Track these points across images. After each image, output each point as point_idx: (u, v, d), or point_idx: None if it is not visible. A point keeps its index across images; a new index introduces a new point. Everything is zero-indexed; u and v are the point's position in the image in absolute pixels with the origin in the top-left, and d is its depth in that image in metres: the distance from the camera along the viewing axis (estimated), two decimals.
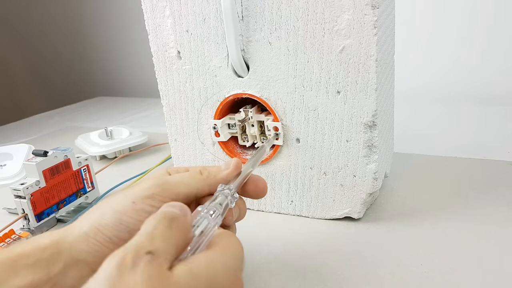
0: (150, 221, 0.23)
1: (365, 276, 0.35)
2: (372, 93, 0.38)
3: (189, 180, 0.31)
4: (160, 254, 0.21)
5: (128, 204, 0.28)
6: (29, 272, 0.26)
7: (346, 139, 0.40)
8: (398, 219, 0.43)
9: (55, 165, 0.49)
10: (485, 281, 0.33)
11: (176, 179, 0.31)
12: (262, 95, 0.42)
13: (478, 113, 0.76)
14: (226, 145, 0.46)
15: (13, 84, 1.46)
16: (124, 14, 1.24)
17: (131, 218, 0.28)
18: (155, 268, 0.21)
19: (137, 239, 0.22)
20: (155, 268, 0.21)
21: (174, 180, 0.30)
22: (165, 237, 0.23)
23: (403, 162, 0.56)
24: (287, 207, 0.46)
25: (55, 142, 0.82)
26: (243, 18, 0.40)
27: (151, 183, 0.29)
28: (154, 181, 0.30)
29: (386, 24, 0.41)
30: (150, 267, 0.20)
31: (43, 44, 1.41)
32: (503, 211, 0.43)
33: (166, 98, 0.47)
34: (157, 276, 0.20)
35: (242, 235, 0.43)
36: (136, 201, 0.28)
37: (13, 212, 0.52)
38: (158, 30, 0.44)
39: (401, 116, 0.69)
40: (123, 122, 0.94)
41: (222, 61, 0.43)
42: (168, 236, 0.23)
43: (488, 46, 0.86)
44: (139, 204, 0.28)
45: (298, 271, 0.37)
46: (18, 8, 1.39)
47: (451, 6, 0.87)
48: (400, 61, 0.57)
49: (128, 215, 0.28)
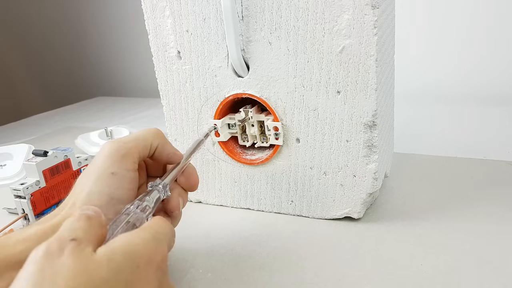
0: (69, 220, 0.25)
1: (365, 276, 0.35)
2: (372, 93, 0.38)
3: (143, 133, 0.34)
4: (82, 241, 0.23)
5: (108, 176, 0.30)
6: None
7: (346, 139, 0.40)
8: (398, 219, 0.43)
9: (55, 165, 0.49)
10: (485, 281, 0.33)
11: (133, 136, 0.33)
12: (262, 95, 0.42)
13: (478, 113, 0.76)
14: (226, 145, 0.46)
15: (13, 84, 1.46)
16: (124, 14, 1.24)
17: (117, 189, 0.30)
18: (80, 250, 0.22)
19: (59, 232, 0.24)
20: (80, 251, 0.22)
21: (131, 137, 0.33)
22: (85, 229, 0.24)
23: (403, 162, 0.56)
24: (287, 207, 0.46)
25: (55, 142, 0.82)
26: (243, 18, 0.40)
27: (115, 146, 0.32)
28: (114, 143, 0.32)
29: (386, 24, 0.41)
30: (75, 250, 0.22)
31: (43, 44, 1.41)
32: (503, 211, 0.43)
33: (166, 98, 0.47)
34: (83, 257, 0.22)
35: (242, 235, 0.43)
36: (114, 171, 0.30)
37: (13, 212, 0.52)
38: (158, 30, 0.44)
39: (401, 116, 0.69)
40: (123, 122, 0.94)
41: (222, 61, 0.43)
42: (88, 228, 0.24)
43: (488, 46, 0.86)
44: (118, 172, 0.30)
45: (298, 271, 0.37)
46: (18, 8, 1.39)
47: (451, 6, 0.87)
48: (400, 61, 0.57)
49: (114, 187, 0.30)
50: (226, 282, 0.36)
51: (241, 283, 0.36)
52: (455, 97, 0.86)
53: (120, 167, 0.31)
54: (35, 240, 0.27)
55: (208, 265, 0.38)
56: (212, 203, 0.50)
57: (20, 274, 0.21)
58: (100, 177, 0.30)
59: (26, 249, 0.26)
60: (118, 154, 0.31)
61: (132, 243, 0.24)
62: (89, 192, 0.30)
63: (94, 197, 0.29)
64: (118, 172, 0.31)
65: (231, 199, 0.49)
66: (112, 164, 0.31)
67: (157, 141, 0.34)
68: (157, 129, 0.35)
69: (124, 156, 0.31)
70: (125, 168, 0.31)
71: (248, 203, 0.48)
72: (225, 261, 0.39)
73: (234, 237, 0.43)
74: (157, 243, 0.25)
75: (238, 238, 0.42)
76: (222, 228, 0.45)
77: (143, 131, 0.34)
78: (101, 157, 0.31)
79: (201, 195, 0.50)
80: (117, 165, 0.31)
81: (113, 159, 0.31)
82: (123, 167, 0.31)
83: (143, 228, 0.26)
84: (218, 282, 0.36)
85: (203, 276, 0.37)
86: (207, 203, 0.50)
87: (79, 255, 0.22)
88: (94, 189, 0.30)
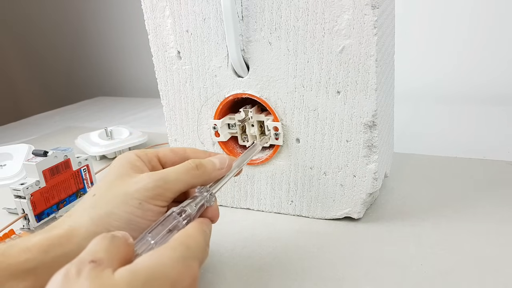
0: (93, 241, 0.24)
1: (365, 276, 0.35)
2: (372, 93, 0.38)
3: (185, 177, 0.32)
4: (102, 262, 0.22)
5: (135, 205, 0.29)
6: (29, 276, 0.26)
7: (346, 139, 0.40)
8: (398, 219, 0.43)
9: (55, 165, 0.49)
10: (485, 281, 0.33)
11: (174, 177, 0.31)
12: (262, 95, 0.42)
13: (478, 113, 0.76)
14: (226, 145, 0.46)
15: (13, 84, 1.46)
16: (124, 14, 1.24)
17: (139, 218, 0.29)
18: (97, 272, 0.22)
19: (81, 254, 0.23)
20: (98, 272, 0.22)
21: (173, 178, 0.31)
22: (107, 249, 0.23)
23: (403, 162, 0.56)
24: (287, 207, 0.46)
25: (55, 142, 0.82)
26: (243, 18, 0.40)
27: (153, 184, 0.30)
28: (155, 180, 0.30)
29: (386, 24, 0.41)
30: (93, 272, 0.21)
31: (43, 44, 1.41)
32: (503, 211, 0.43)
33: (166, 98, 0.47)
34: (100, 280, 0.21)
35: (242, 235, 0.43)
36: (142, 202, 0.29)
37: (13, 212, 0.51)
38: (158, 30, 0.44)
39: (401, 116, 0.69)
40: (123, 122, 0.94)
41: (222, 61, 0.43)
42: (110, 249, 0.23)
43: (488, 46, 0.86)
44: (145, 205, 0.29)
45: (298, 271, 0.37)
46: (18, 8, 1.39)
47: (451, 6, 0.87)
48: (400, 61, 0.57)
49: (136, 215, 0.29)
50: (226, 282, 0.36)
51: (241, 283, 0.36)
52: (455, 97, 0.86)
53: (149, 202, 0.29)
54: (39, 250, 0.26)
55: (208, 265, 0.38)
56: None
57: None
58: (126, 203, 0.29)
59: (30, 259, 0.26)
60: (154, 192, 0.29)
61: (158, 264, 0.23)
62: (109, 212, 0.29)
63: (113, 218, 0.28)
64: (147, 207, 0.29)
65: (231, 199, 0.49)
66: (143, 198, 0.29)
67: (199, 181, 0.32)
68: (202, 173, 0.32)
69: (159, 196, 0.30)
70: (155, 205, 0.30)
71: (248, 203, 0.48)
72: (225, 261, 0.39)
73: (234, 237, 0.43)
74: (187, 263, 0.24)
75: (238, 238, 0.42)
76: (222, 228, 0.45)
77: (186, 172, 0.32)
78: (134, 184, 0.30)
79: None
80: (147, 200, 0.29)
81: (146, 194, 0.29)
82: (153, 203, 0.29)
83: (173, 246, 0.25)
84: (218, 282, 0.36)
85: (203, 276, 0.37)
86: None
87: (97, 278, 0.21)
88: (115, 210, 0.29)
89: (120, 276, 0.22)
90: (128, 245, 0.25)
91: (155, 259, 0.23)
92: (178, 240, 0.26)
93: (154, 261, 0.23)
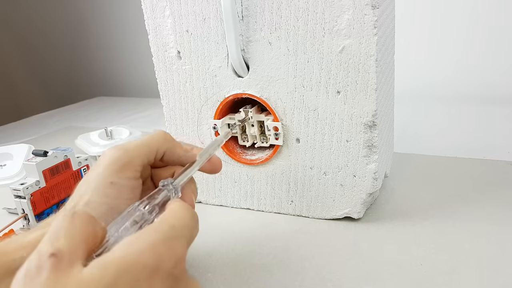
0: (53, 223, 0.22)
1: (365, 276, 0.35)
2: (372, 93, 0.38)
3: (148, 140, 0.32)
4: (64, 255, 0.20)
5: (107, 185, 0.28)
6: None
7: (346, 139, 0.40)
8: (398, 219, 0.43)
9: (55, 165, 0.49)
10: (485, 281, 0.33)
11: (136, 142, 0.31)
12: (262, 95, 0.42)
13: (478, 113, 0.76)
14: (226, 145, 0.46)
15: (13, 84, 1.46)
16: (124, 14, 1.24)
17: (116, 199, 0.28)
18: (60, 271, 0.19)
19: (41, 244, 0.21)
20: (61, 271, 0.19)
21: (134, 143, 0.31)
22: (69, 233, 0.21)
23: (403, 162, 0.56)
24: (287, 207, 0.46)
25: (55, 142, 0.82)
26: (243, 18, 0.40)
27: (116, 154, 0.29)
28: (117, 150, 0.30)
29: (386, 24, 0.41)
30: (54, 272, 0.19)
31: (43, 44, 1.41)
32: (503, 211, 0.43)
33: (166, 98, 0.47)
34: (65, 279, 0.19)
35: (242, 235, 0.43)
36: (113, 181, 0.28)
37: (13, 212, 0.51)
38: (158, 30, 0.44)
39: (401, 116, 0.69)
40: (123, 122, 0.94)
41: (222, 61, 0.43)
42: (73, 232, 0.21)
43: (488, 46, 0.86)
44: (117, 182, 0.28)
45: (298, 271, 0.36)
46: (18, 8, 1.39)
47: (451, 6, 0.87)
48: (400, 61, 0.57)
49: (112, 197, 0.28)
50: (226, 282, 0.36)
51: (241, 283, 0.36)
52: (455, 97, 0.86)
53: (120, 177, 0.29)
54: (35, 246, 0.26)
55: (208, 265, 0.38)
56: (212, 203, 0.50)
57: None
58: (99, 186, 0.28)
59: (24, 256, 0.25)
60: (119, 163, 0.29)
61: (131, 252, 0.21)
62: (88, 201, 0.28)
63: (92, 206, 0.28)
64: (117, 182, 0.29)
65: (231, 199, 0.49)
66: (111, 173, 0.29)
67: (164, 146, 0.32)
68: (164, 133, 0.33)
69: (125, 165, 0.29)
70: (126, 178, 0.29)
71: (248, 203, 0.48)
72: (225, 261, 0.39)
73: (234, 237, 0.43)
74: (169, 244, 0.22)
75: (238, 238, 0.42)
76: (222, 228, 0.45)
77: (148, 137, 0.32)
78: (102, 164, 0.30)
79: (201, 195, 0.50)
80: (117, 175, 0.29)
81: (113, 168, 0.29)
82: (124, 176, 0.29)
83: (153, 227, 0.23)
84: (218, 282, 0.36)
85: (203, 276, 0.37)
86: (207, 203, 0.50)
87: (60, 276, 0.19)
88: (92, 198, 0.28)
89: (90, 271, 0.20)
90: (92, 222, 0.23)
91: (128, 247, 0.21)
92: (161, 220, 0.24)
93: (126, 250, 0.21)
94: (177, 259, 0.22)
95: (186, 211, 0.25)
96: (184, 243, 0.23)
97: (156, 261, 0.21)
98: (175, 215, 0.24)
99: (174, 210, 0.25)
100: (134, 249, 0.21)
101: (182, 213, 0.25)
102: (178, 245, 0.23)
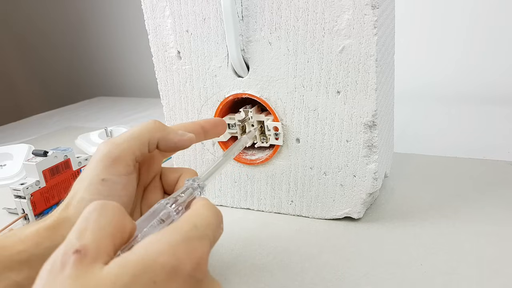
0: (83, 213, 0.22)
1: (365, 276, 0.35)
2: (372, 93, 0.38)
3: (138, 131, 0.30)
4: (88, 251, 0.20)
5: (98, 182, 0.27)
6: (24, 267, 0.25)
7: (346, 139, 0.40)
8: (398, 219, 0.43)
9: (55, 165, 0.49)
10: (485, 281, 0.33)
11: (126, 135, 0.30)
12: (262, 95, 0.42)
13: (478, 113, 0.76)
14: (226, 145, 0.46)
15: (13, 84, 1.46)
16: (124, 14, 1.24)
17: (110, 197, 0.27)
18: (82, 268, 0.19)
19: (68, 238, 0.21)
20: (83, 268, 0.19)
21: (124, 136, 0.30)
22: (95, 228, 0.21)
23: (403, 162, 0.56)
24: (287, 207, 0.46)
25: (55, 142, 0.82)
26: (243, 18, 0.40)
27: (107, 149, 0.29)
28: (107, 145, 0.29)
29: (386, 24, 0.41)
30: (76, 269, 0.19)
31: (43, 44, 1.41)
32: (503, 211, 0.43)
33: (166, 98, 0.47)
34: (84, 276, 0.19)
35: (242, 235, 0.43)
36: (104, 178, 0.28)
37: (13, 212, 0.52)
38: (158, 30, 0.44)
39: (401, 116, 0.69)
40: (123, 122, 0.94)
41: (222, 61, 0.43)
42: (99, 227, 0.21)
43: (488, 46, 0.86)
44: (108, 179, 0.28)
45: (298, 271, 0.36)
46: (18, 8, 1.39)
47: (451, 6, 0.87)
48: (400, 61, 0.57)
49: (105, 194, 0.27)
50: (226, 282, 0.36)
51: (241, 283, 0.36)
52: (455, 97, 0.86)
53: (111, 173, 0.28)
54: (32, 241, 0.26)
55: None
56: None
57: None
58: (90, 184, 0.28)
59: (22, 250, 0.25)
60: (110, 158, 0.28)
61: (151, 252, 0.20)
62: (81, 199, 0.27)
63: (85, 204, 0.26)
64: (109, 178, 0.28)
65: (231, 199, 0.49)
66: (103, 170, 0.28)
67: (156, 136, 0.31)
68: (154, 122, 0.31)
69: (115, 160, 0.28)
70: (117, 174, 0.28)
71: (248, 203, 0.48)
72: (225, 261, 0.39)
73: (234, 237, 0.43)
74: (190, 245, 0.21)
75: (238, 238, 0.42)
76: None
77: (138, 127, 0.31)
78: (94, 159, 0.29)
79: None
80: (108, 171, 0.28)
81: (104, 164, 0.28)
82: (115, 172, 0.28)
83: (175, 227, 0.22)
84: None
85: None
86: None
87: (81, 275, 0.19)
88: (85, 196, 0.27)
89: (107, 272, 0.19)
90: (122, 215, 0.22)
91: (148, 247, 0.20)
92: (183, 219, 0.23)
93: (146, 250, 0.20)
94: (198, 261, 0.21)
95: (209, 210, 0.24)
96: (207, 243, 0.22)
97: (175, 263, 0.20)
98: (198, 214, 0.24)
99: (198, 209, 0.24)
100: (154, 249, 0.20)
101: (205, 212, 0.24)
102: (199, 245, 0.22)
